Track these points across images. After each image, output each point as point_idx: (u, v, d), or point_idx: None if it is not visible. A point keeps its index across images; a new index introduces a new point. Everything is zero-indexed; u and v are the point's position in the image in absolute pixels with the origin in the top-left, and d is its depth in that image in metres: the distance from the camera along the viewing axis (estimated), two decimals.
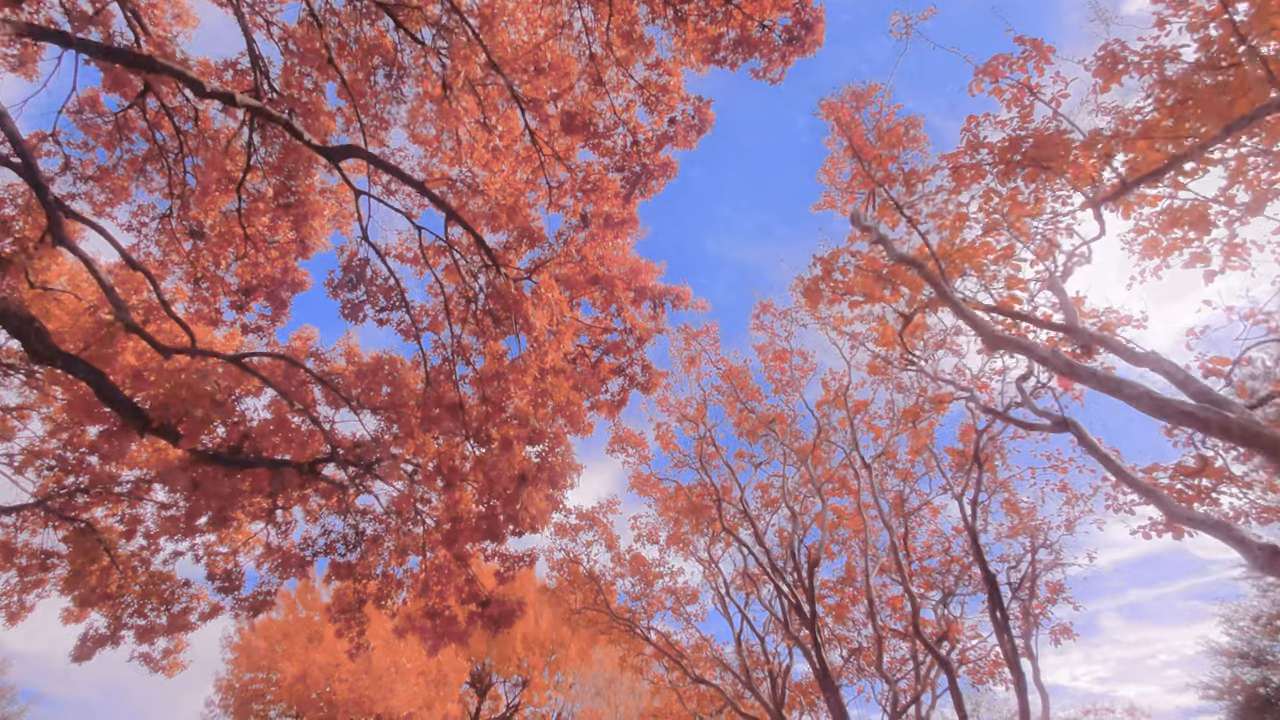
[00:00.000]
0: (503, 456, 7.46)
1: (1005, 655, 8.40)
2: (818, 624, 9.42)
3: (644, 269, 9.29)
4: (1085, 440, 5.76)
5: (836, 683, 9.21)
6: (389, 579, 11.73)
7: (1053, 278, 5.67)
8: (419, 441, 9.59)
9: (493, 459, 7.45)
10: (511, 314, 7.45)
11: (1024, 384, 6.82)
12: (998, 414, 7.10)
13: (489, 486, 7.77)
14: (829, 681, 9.08)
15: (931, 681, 10.43)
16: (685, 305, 9.76)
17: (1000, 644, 8.54)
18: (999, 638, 8.57)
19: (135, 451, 12.17)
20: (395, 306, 9.31)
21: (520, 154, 8.25)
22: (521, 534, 11.03)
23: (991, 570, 8.71)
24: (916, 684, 10.14)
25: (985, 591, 8.56)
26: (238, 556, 12.35)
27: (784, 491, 11.25)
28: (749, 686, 11.12)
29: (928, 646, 8.93)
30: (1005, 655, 8.40)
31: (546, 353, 7.50)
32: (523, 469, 7.56)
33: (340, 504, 12.22)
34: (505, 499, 7.73)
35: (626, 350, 10.27)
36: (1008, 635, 8.37)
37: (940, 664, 8.89)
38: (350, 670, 23.51)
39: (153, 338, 7.84)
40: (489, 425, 7.61)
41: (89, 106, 10.13)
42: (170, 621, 11.82)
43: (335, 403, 9.41)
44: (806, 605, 9.51)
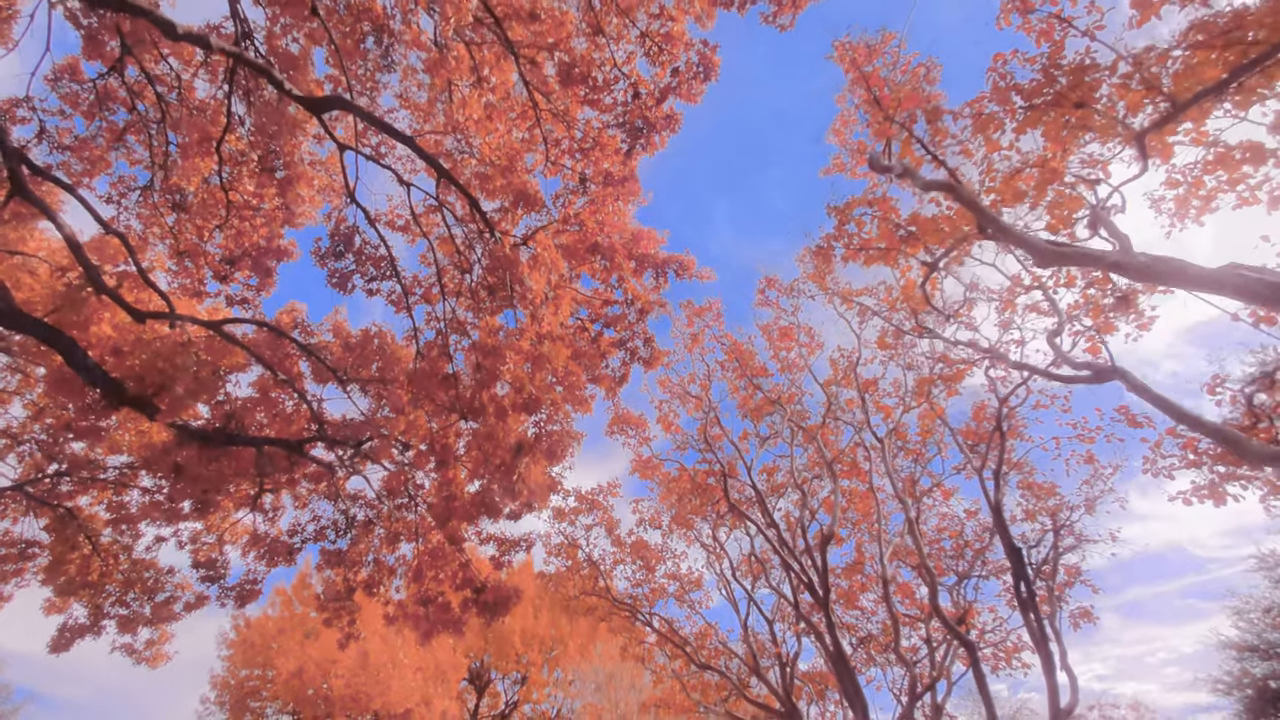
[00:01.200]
0: (498, 425, 6.92)
1: (1031, 634, 7.84)
2: (831, 601, 8.85)
3: (645, 236, 8.76)
4: (1136, 385, 5.25)
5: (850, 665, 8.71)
6: (381, 566, 11.16)
7: (1097, 212, 5.13)
8: (410, 418, 9.04)
9: (487, 429, 6.90)
10: (506, 276, 6.91)
11: (1055, 340, 6.29)
12: (1034, 369, 6.54)
13: (483, 461, 7.22)
14: (843, 661, 8.51)
15: (946, 668, 9.87)
16: (689, 275, 9.22)
17: (1025, 622, 7.96)
18: (1024, 616, 7.99)
19: (118, 434, 11.62)
20: (386, 276, 8.76)
21: (515, 112, 7.73)
22: (519, 515, 10.46)
23: (1016, 543, 8.15)
24: (932, 670, 9.57)
25: (1011, 567, 7.97)
26: (224, 546, 11.79)
27: (792, 470, 10.66)
28: (756, 673, 10.51)
29: (947, 626, 8.36)
30: (1031, 634, 7.84)
31: (543, 317, 6.96)
32: (519, 438, 7.02)
33: (330, 489, 11.65)
34: (500, 472, 7.18)
35: (628, 324, 9.74)
36: (1034, 612, 7.82)
37: (962, 644, 8.32)
38: (347, 666, 22.92)
39: (125, 300, 7.29)
40: (482, 394, 7.06)
41: (68, 75, 9.57)
42: (154, 612, 11.24)
43: (323, 378, 8.87)
44: (819, 582, 8.93)
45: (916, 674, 9.28)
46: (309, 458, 9.84)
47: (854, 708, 8.49)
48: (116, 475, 11.80)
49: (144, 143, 9.78)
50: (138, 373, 7.79)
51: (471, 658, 28.83)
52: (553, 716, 27.85)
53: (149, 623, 11.23)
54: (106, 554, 11.04)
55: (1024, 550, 8.32)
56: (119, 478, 11.80)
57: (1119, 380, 5.33)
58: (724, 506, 10.64)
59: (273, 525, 11.69)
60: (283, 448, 9.39)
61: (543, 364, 6.96)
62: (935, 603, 8.61)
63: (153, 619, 11.21)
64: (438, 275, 8.73)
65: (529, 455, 7.12)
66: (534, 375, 7.01)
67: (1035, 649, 7.78)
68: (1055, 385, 8.55)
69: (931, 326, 8.06)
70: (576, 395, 8.39)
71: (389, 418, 9.24)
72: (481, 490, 7.53)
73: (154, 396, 7.83)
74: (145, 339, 8.04)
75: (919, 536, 9.10)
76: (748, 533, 11.51)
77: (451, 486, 8.83)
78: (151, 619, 11.21)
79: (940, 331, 7.75)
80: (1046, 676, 7.46)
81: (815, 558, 9.48)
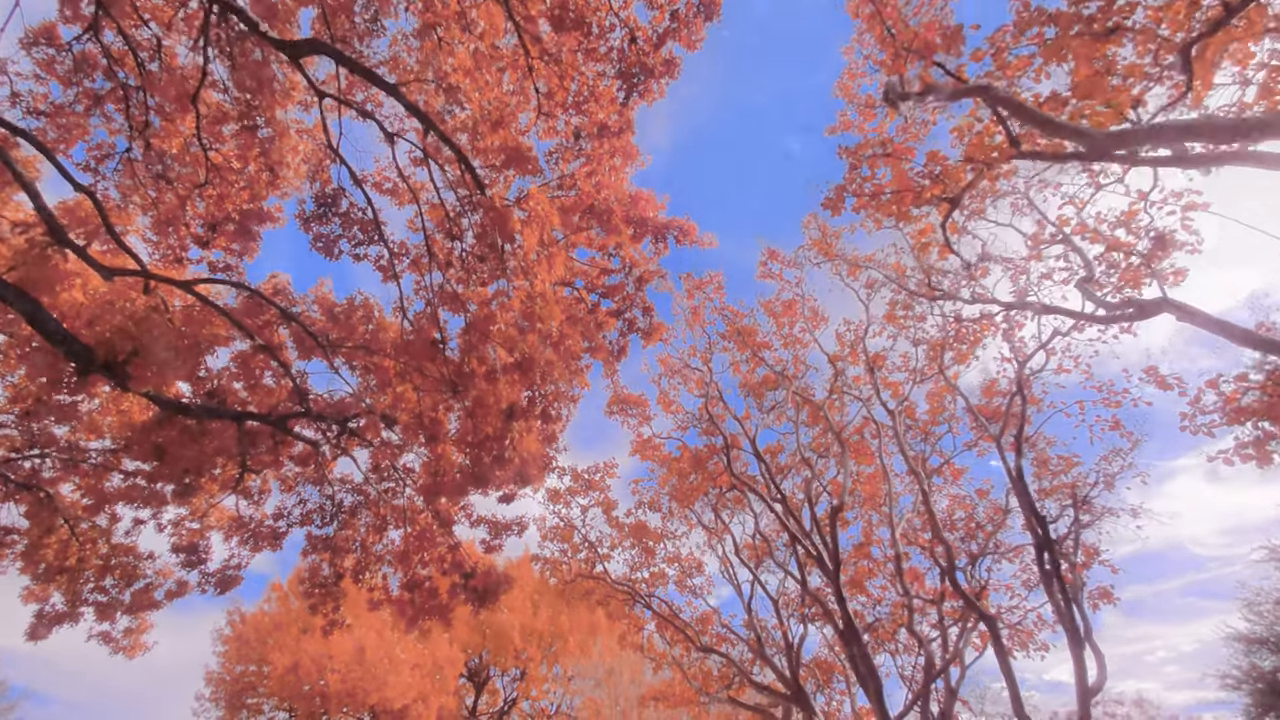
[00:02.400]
0: (488, 391, 6.39)
1: (1056, 608, 7.26)
2: (841, 572, 8.29)
3: (644, 199, 8.24)
4: (1190, 312, 4.74)
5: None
6: (368, 551, 10.59)
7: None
8: (398, 391, 8.51)
9: (476, 394, 6.37)
10: (496, 233, 6.39)
11: (1087, 286, 5.78)
12: (1067, 312, 6.01)
13: (473, 430, 6.68)
14: (855, 637, 7.93)
15: (959, 651, 9.29)
16: (689, 241, 8.71)
17: (1049, 596, 7.36)
18: (1047, 590, 7.40)
19: (99, 416, 11.09)
20: (373, 240, 8.25)
21: (504, 61, 7.22)
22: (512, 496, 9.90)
23: (1040, 511, 7.58)
24: (946, 652, 8.99)
25: (1033, 538, 7.41)
26: (208, 533, 11.24)
27: (798, 446, 10.10)
28: (761, 656, 9.91)
29: (965, 599, 7.79)
30: (1056, 608, 7.26)
31: (536, 274, 6.44)
32: (511, 402, 6.48)
33: (317, 473, 11.10)
34: (490, 441, 6.64)
35: (626, 295, 9.22)
36: (1059, 586, 7.24)
37: (981, 618, 7.74)
38: (343, 662, 22.32)
39: (91, 256, 6.77)
40: (471, 357, 6.53)
41: (44, 39, 9.07)
42: (134, 599, 10.67)
43: (306, 348, 8.33)
44: (829, 556, 8.37)
45: (932, 651, 8.70)
46: (294, 435, 9.31)
47: (866, 687, 7.91)
48: (101, 460, 11.23)
49: (122, 110, 9.26)
50: (108, 339, 7.26)
51: (470, 654, 28.21)
52: (552, 713, 27.19)
53: (128, 610, 10.67)
54: (85, 539, 10.50)
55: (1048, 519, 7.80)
56: (103, 462, 11.24)
57: (1169, 312, 4.83)
58: (727, 482, 10.07)
59: (257, 509, 11.14)
60: (265, 423, 8.85)
61: (535, 324, 6.44)
62: (953, 575, 8.04)
63: (132, 606, 10.65)
64: (427, 245, 8.21)
65: (521, 420, 6.59)
66: (526, 336, 6.49)
67: (1060, 624, 7.21)
68: (1077, 347, 8.05)
69: (945, 288, 7.53)
70: (572, 365, 7.85)
71: (375, 392, 8.72)
72: (471, 460, 6.98)
73: (125, 364, 7.30)
74: (116, 303, 7.52)
75: (932, 508, 8.54)
76: (752, 511, 10.95)
77: (441, 463, 8.29)
78: (131, 606, 10.64)
79: (955, 291, 7.23)
80: (1074, 653, 6.90)
81: (825, 536, 8.91)
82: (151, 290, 7.94)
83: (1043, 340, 7.87)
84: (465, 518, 9.65)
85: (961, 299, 7.35)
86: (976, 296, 7.23)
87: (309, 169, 8.33)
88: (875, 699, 7.77)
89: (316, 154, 9.20)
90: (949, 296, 7.53)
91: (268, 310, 7.95)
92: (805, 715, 9.09)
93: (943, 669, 8.72)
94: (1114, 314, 5.41)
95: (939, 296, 7.64)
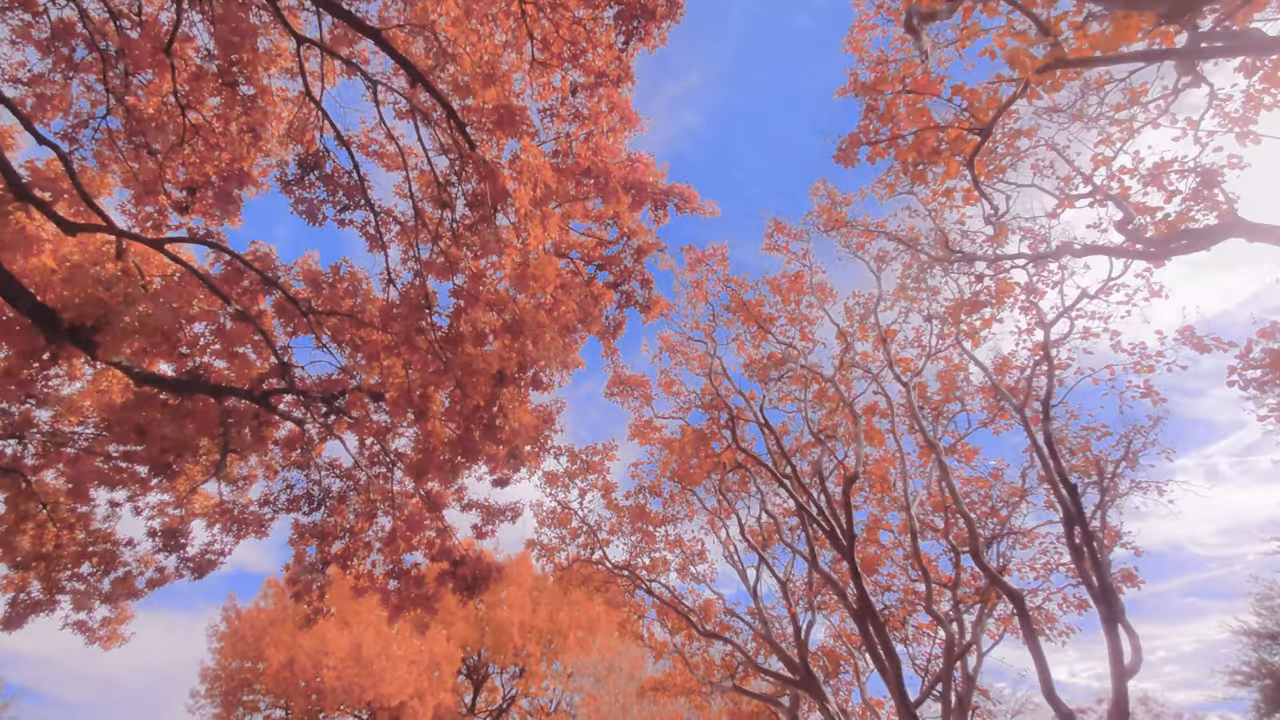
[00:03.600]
0: (477, 356, 5.87)
1: (1087, 585, 6.62)
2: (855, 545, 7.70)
3: (642, 163, 7.74)
4: (1262, 231, 4.22)
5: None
6: (356, 538, 10.04)
7: None
8: (385, 365, 7.98)
9: (465, 359, 5.85)
10: (487, 187, 5.89)
11: (1129, 227, 5.26)
12: (1114, 250, 5.45)
13: (461, 399, 6.16)
14: (871, 609, 7.32)
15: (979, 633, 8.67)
16: (691, 208, 8.19)
17: (1079, 571, 6.73)
18: (1077, 565, 6.79)
19: (78, 398, 10.57)
20: (358, 205, 7.73)
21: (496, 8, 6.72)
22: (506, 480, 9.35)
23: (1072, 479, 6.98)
24: (961, 637, 8.39)
25: (1062, 511, 6.81)
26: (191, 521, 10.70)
27: (806, 420, 9.52)
28: (768, 641, 9.31)
29: (992, 576, 7.17)
30: (1087, 585, 6.62)
31: (529, 232, 5.92)
32: (501, 365, 5.96)
33: (304, 457, 10.56)
34: (480, 411, 6.11)
35: (625, 268, 8.70)
36: (1092, 559, 6.64)
37: (1006, 593, 7.15)
38: (339, 658, 21.71)
39: (53, 211, 6.26)
40: (459, 320, 6.01)
41: (18, 3, 8.57)
42: (113, 587, 10.12)
43: (290, 317, 7.81)
44: (843, 530, 7.77)
45: (953, 631, 8.11)
46: (277, 413, 8.78)
47: (883, 669, 7.27)
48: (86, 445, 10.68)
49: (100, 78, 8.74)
50: (76, 304, 6.75)
51: (468, 651, 27.60)
52: (551, 710, 26.56)
53: (107, 599, 10.12)
54: (62, 524, 9.96)
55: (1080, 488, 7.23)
56: (86, 447, 10.69)
57: (1238, 236, 4.30)
58: (731, 459, 9.47)
59: (242, 494, 10.60)
60: (247, 399, 8.33)
61: (527, 283, 5.92)
62: (976, 547, 7.41)
63: (111, 595, 10.09)
64: (415, 213, 7.69)
65: (511, 387, 6.06)
66: (517, 299, 5.97)
67: (1093, 602, 6.61)
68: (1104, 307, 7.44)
69: (964, 250, 6.98)
70: (566, 339, 7.32)
71: (363, 366, 8.19)
72: (460, 431, 6.45)
73: (94, 331, 6.78)
74: (86, 268, 7.01)
75: (951, 481, 7.97)
76: (758, 489, 10.30)
77: (430, 440, 7.75)
78: (110, 595, 10.09)
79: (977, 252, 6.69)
80: (1107, 632, 6.33)
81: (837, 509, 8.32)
82: (125, 255, 7.44)
83: (1066, 304, 7.30)
84: (456, 500, 9.11)
85: (983, 258, 6.78)
86: (999, 256, 6.68)
87: (292, 130, 7.82)
88: (894, 680, 7.19)
89: (301, 116, 8.70)
90: (969, 258, 6.97)
91: (248, 277, 7.43)
92: (816, 702, 8.52)
93: (963, 652, 8.14)
94: (1166, 249, 4.87)
95: (958, 259, 7.08)
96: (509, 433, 6.28)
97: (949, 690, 7.89)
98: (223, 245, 6.97)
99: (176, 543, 9.68)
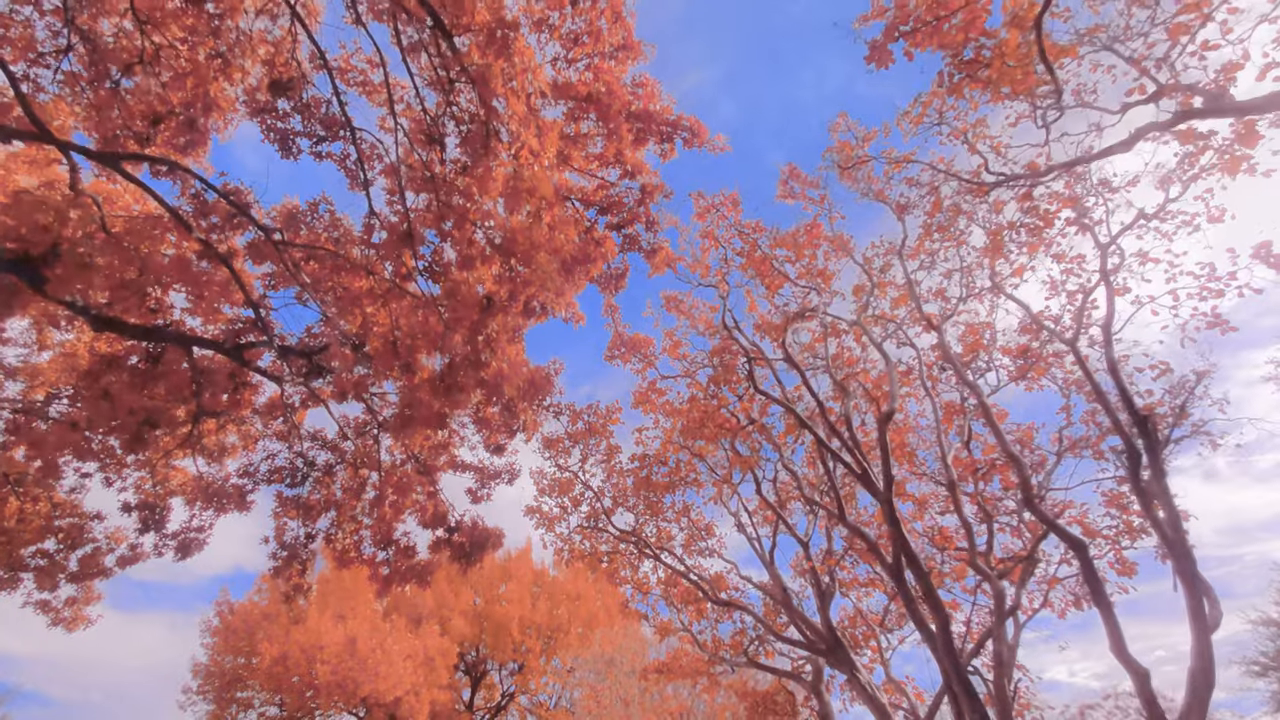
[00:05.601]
0: (463, 280, 5.10)
1: (1158, 530, 5.78)
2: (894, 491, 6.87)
3: (648, 88, 6.99)
4: None
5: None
6: (342, 511, 9.21)
7: None
8: (367, 313, 7.20)
9: (449, 286, 5.08)
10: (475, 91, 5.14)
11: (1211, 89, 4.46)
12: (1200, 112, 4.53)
13: (442, 332, 5.38)
14: (912, 556, 6.44)
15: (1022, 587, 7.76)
16: (700, 143, 7.44)
17: (1148, 516, 5.85)
18: (1145, 509, 5.93)
19: (44, 365, 9.76)
20: (338, 137, 6.97)
21: None
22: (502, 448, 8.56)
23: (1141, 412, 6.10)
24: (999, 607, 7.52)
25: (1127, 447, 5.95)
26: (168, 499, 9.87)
27: (829, 369, 8.64)
28: (786, 608, 8.46)
29: (1049, 523, 6.31)
30: (1158, 530, 5.78)
31: (523, 142, 5.17)
32: (489, 291, 5.19)
33: (286, 428, 9.74)
34: (465, 346, 5.33)
35: (629, 213, 7.93)
36: (1162, 502, 5.81)
37: (1068, 542, 6.32)
38: (334, 653, 20.76)
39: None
40: (446, 245, 5.25)
41: None
42: (81, 565, 9.28)
43: (263, 258, 7.01)
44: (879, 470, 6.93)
45: (1001, 587, 7.26)
46: (253, 369, 7.98)
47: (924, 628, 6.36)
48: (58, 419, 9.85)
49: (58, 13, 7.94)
50: (22, 234, 5.97)
51: (466, 647, 26.64)
52: (550, 707, 25.58)
53: (75, 578, 9.27)
54: (26, 496, 9.12)
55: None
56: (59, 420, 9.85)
57: None
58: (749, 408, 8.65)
59: (220, 464, 9.78)
60: (218, 350, 7.54)
61: (519, 199, 5.16)
62: (1028, 493, 6.58)
63: (79, 574, 9.25)
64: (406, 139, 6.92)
65: (500, 315, 5.29)
66: (511, 213, 5.21)
67: (1166, 551, 5.76)
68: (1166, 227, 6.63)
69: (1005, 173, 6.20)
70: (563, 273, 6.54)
71: (344, 314, 7.39)
72: (443, 370, 5.66)
73: (40, 262, 6.00)
74: (31, 193, 6.23)
75: (994, 419, 7.12)
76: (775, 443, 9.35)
77: (417, 394, 6.94)
78: (77, 574, 9.24)
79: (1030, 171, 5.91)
80: (1185, 585, 5.51)
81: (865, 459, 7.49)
82: (80, 188, 6.65)
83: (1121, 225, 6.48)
84: (449, 465, 8.31)
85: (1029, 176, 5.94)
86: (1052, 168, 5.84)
87: (266, 54, 7.06)
88: (943, 637, 6.33)
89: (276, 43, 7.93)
90: (1011, 179, 6.17)
91: (216, 211, 6.66)
92: (846, 671, 7.66)
93: (1013, 609, 7.32)
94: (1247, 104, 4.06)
95: (999, 182, 6.28)
96: (495, 371, 5.50)
97: (1000, 647, 7.06)
98: (183, 165, 6.20)
99: (154, 517, 8.85)
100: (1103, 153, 5.25)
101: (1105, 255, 6.76)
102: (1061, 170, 5.91)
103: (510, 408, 6.81)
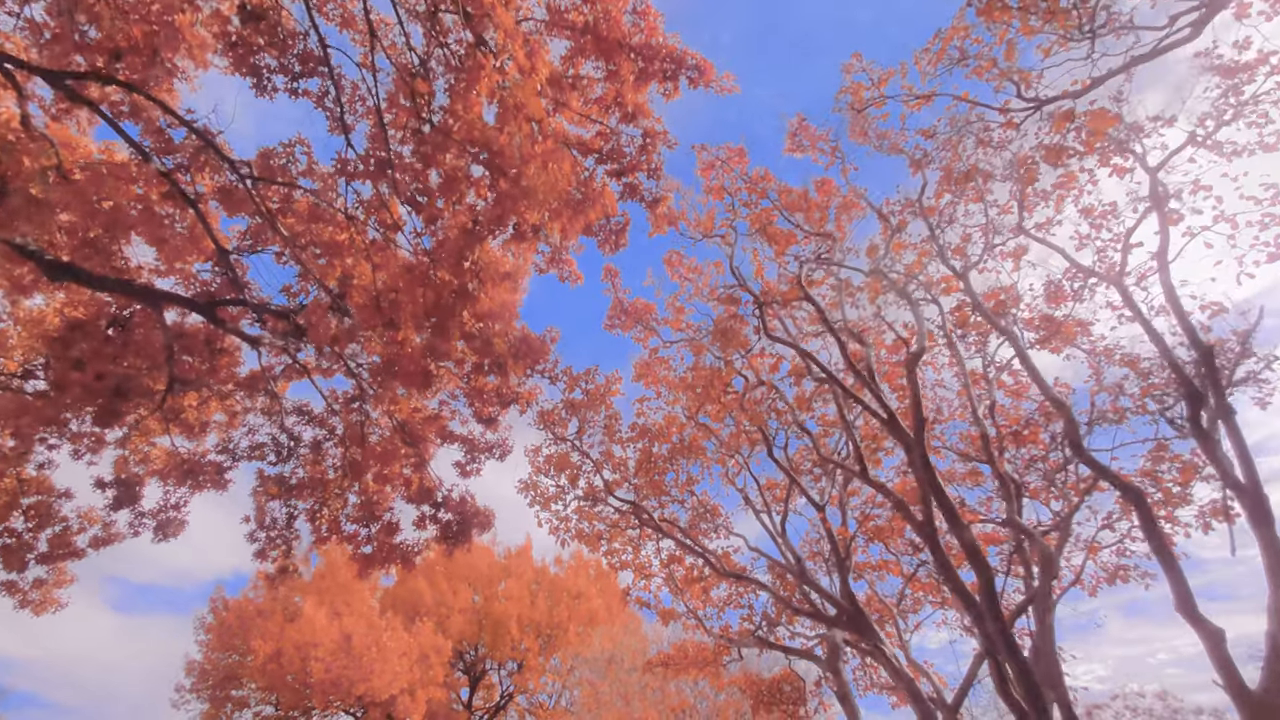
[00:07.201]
0: (445, 199, 4.50)
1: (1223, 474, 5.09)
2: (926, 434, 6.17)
3: (650, 17, 6.40)
4: None
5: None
6: (327, 488, 8.58)
7: None
8: (348, 264, 6.60)
9: (430, 210, 4.48)
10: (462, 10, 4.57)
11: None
12: None
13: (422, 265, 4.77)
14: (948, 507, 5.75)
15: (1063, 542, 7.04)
16: (706, 82, 6.85)
17: (1211, 460, 5.12)
18: (1208, 453, 5.20)
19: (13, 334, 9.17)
20: (315, 73, 6.38)
21: None
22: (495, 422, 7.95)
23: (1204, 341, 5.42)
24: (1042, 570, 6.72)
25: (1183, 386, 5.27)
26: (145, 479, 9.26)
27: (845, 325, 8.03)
28: (802, 578, 7.78)
29: (1101, 471, 5.61)
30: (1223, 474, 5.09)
31: (513, 54, 4.59)
32: (473, 212, 4.60)
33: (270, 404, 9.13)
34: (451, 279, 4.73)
35: (630, 160, 7.34)
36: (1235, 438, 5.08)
37: (1123, 490, 5.65)
38: (329, 650, 20.06)
39: None
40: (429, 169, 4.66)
41: None
42: (51, 545, 8.66)
43: (235, 205, 6.42)
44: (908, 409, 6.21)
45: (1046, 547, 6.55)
46: (229, 329, 7.38)
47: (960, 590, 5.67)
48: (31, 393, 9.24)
49: None
50: None
51: (465, 646, 25.91)
52: (550, 707, 24.81)
53: (44, 559, 8.64)
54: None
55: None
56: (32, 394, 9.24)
57: None
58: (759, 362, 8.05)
59: (202, 440, 9.17)
60: (189, 307, 6.94)
61: (508, 115, 4.57)
62: (1075, 437, 5.89)
63: (48, 555, 8.62)
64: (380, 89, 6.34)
65: (488, 234, 4.69)
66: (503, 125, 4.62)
67: (1234, 496, 5.08)
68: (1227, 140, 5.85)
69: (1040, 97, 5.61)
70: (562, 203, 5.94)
71: (324, 268, 6.80)
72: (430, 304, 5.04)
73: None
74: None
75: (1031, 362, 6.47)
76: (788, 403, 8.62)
77: (402, 348, 6.34)
78: (47, 555, 8.62)
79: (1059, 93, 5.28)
80: (1260, 534, 4.86)
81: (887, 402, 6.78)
82: (31, 126, 6.08)
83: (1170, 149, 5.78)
84: (439, 433, 7.70)
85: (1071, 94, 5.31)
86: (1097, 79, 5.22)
87: None
88: (986, 595, 5.66)
89: None
90: (1049, 101, 5.57)
91: (183, 150, 6.08)
92: (869, 642, 7.00)
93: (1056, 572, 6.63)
94: None
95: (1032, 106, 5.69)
96: (484, 309, 4.90)
97: (1047, 604, 6.37)
98: (141, 89, 5.61)
99: (130, 493, 8.24)
100: (1162, 49, 4.64)
101: (1155, 180, 6.10)
102: (1117, 75, 5.28)
103: (501, 366, 6.21)
